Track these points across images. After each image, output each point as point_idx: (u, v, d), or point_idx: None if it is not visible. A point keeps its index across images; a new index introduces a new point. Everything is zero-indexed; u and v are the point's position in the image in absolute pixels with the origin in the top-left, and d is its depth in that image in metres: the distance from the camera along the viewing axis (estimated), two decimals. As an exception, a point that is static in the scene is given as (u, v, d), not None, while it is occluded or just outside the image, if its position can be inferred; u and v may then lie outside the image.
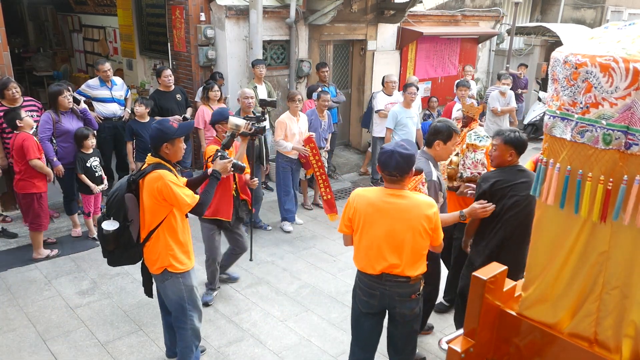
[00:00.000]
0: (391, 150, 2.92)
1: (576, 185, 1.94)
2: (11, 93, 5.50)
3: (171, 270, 3.36)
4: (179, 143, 3.32)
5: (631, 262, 1.91)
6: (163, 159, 3.27)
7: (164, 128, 3.25)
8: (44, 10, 13.27)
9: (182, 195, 3.21)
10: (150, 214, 3.24)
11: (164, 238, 3.29)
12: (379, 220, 2.97)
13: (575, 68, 1.87)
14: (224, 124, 4.36)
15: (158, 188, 3.14)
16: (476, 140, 4.21)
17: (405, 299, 3.06)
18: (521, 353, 2.34)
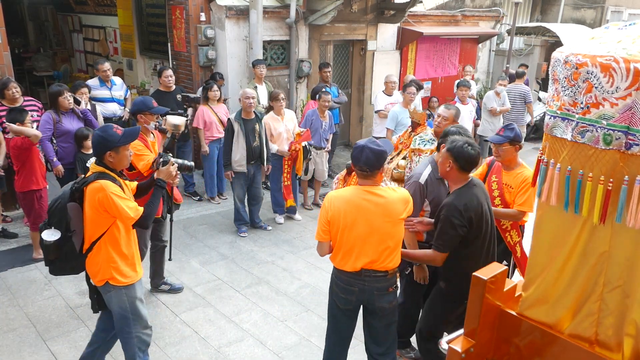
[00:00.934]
0: (362, 146, 2.99)
1: (577, 185, 1.94)
2: (11, 93, 5.50)
3: (113, 283, 3.19)
4: (123, 151, 3.14)
5: (632, 261, 1.90)
6: (107, 167, 3.11)
7: (107, 135, 3.06)
8: (44, 10, 13.27)
9: (125, 209, 3.03)
10: (92, 224, 3.08)
11: (106, 250, 3.13)
12: (359, 219, 3.00)
13: (575, 68, 1.86)
14: (147, 114, 4.14)
15: (99, 199, 2.99)
16: (421, 144, 4.26)
17: (383, 293, 3.13)
18: (521, 353, 2.34)
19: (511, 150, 3.93)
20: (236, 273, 5.31)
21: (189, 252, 5.74)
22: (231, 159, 5.94)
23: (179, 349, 4.08)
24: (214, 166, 7.07)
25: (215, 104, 6.92)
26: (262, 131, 6.05)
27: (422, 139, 4.31)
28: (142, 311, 3.37)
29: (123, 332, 3.36)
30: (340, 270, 3.15)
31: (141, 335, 3.38)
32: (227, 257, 5.66)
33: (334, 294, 3.25)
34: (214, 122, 6.85)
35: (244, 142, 5.87)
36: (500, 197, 4.01)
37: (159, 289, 4.85)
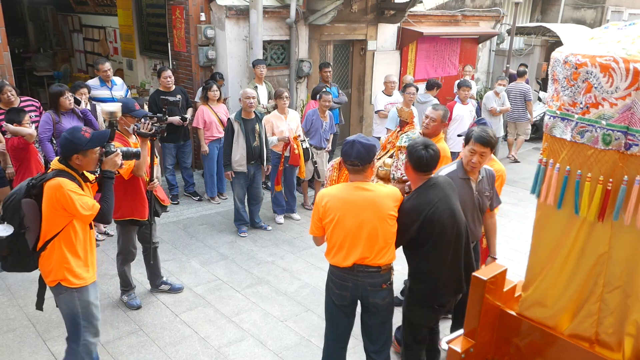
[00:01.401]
0: (352, 140, 3.05)
1: (575, 185, 1.94)
2: (6, 97, 5.48)
3: (65, 285, 3.12)
4: (91, 154, 3.10)
5: (632, 261, 1.90)
6: (70, 167, 3.08)
7: (74, 139, 3.03)
8: (44, 10, 13.27)
9: (82, 205, 3.00)
10: (48, 222, 3.03)
11: (60, 249, 3.07)
12: (349, 214, 3.05)
13: (575, 68, 1.86)
14: (127, 116, 4.15)
15: (56, 197, 2.96)
16: (407, 142, 4.22)
17: (377, 289, 3.15)
18: (521, 353, 2.34)
19: None
20: (236, 273, 5.31)
21: (189, 252, 5.74)
22: (231, 159, 5.94)
23: (179, 349, 4.08)
24: (214, 166, 7.07)
25: (215, 104, 6.92)
26: (262, 131, 6.05)
27: (409, 137, 4.29)
28: (94, 317, 3.29)
29: (71, 336, 3.29)
30: (334, 266, 3.19)
31: (88, 343, 3.30)
32: (227, 257, 5.66)
33: (329, 291, 3.29)
34: (214, 122, 6.85)
35: (244, 142, 5.87)
36: None
37: (159, 289, 4.86)
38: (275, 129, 6.32)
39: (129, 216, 4.31)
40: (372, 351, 3.36)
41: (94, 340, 3.34)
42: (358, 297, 3.20)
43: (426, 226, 3.07)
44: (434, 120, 4.31)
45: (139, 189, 4.26)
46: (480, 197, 3.55)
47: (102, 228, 6.02)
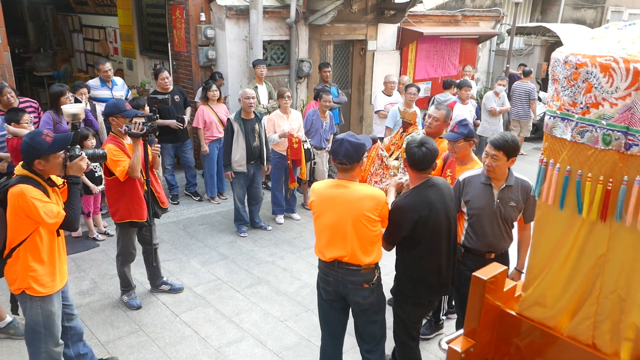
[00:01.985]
0: (341, 139, 3.06)
1: (575, 185, 1.94)
2: (6, 99, 5.47)
3: (29, 293, 3.06)
4: (54, 159, 2.99)
5: (630, 264, 1.90)
6: (34, 172, 2.98)
7: (35, 144, 2.91)
8: (44, 10, 13.27)
9: (46, 213, 2.91)
10: (13, 230, 2.95)
11: (25, 257, 3.00)
12: (326, 210, 3.10)
13: (575, 68, 1.86)
14: (118, 117, 4.13)
15: (19, 204, 2.88)
16: None
17: (358, 287, 3.14)
18: (521, 353, 2.34)
19: (466, 146, 3.89)
20: (236, 273, 5.31)
21: (189, 252, 5.74)
22: (231, 159, 5.94)
23: (179, 349, 4.08)
24: (214, 166, 7.07)
25: (215, 104, 6.92)
26: (262, 131, 6.05)
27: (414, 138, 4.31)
28: (55, 327, 3.23)
29: (32, 345, 3.22)
30: (319, 259, 3.24)
31: (51, 352, 3.24)
32: (227, 257, 5.66)
33: (318, 285, 3.34)
34: (214, 122, 6.85)
35: (243, 142, 5.87)
36: None
37: (159, 289, 4.86)
38: (277, 128, 6.32)
39: (128, 218, 4.30)
40: (365, 350, 3.37)
41: (56, 349, 3.26)
42: (341, 293, 3.22)
43: (421, 226, 3.08)
44: (437, 120, 4.31)
45: (136, 190, 4.24)
46: (503, 205, 3.40)
47: (102, 228, 6.02)
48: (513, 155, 3.31)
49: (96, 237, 5.88)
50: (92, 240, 5.81)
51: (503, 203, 3.40)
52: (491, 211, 3.42)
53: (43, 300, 3.12)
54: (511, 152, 3.29)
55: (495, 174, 3.38)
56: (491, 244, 3.50)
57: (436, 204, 3.12)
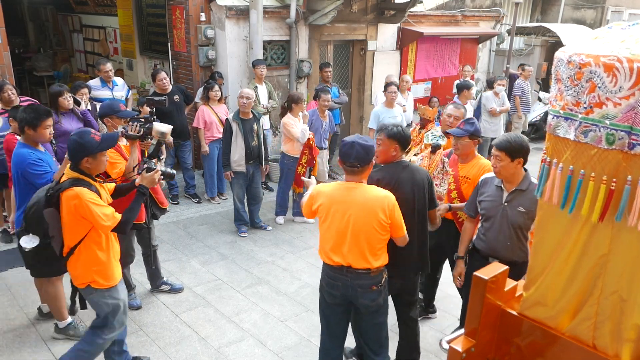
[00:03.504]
0: (352, 142, 3.04)
1: (577, 185, 1.94)
2: (7, 95, 5.48)
3: (95, 287, 3.19)
4: (101, 157, 3.11)
5: (632, 265, 1.89)
6: (83, 172, 3.07)
7: (84, 142, 3.01)
8: (44, 10, 13.27)
9: (101, 216, 3.00)
10: (70, 230, 3.07)
11: (87, 253, 3.12)
12: (337, 213, 3.05)
13: (579, 68, 1.86)
14: (114, 118, 4.15)
15: (75, 207, 2.97)
16: (433, 140, 4.34)
17: (366, 290, 3.13)
18: (522, 353, 2.33)
19: (470, 144, 3.96)
20: (236, 273, 5.31)
21: (189, 252, 5.73)
22: (230, 159, 5.94)
23: (179, 349, 4.07)
24: (214, 166, 7.06)
25: (215, 104, 6.91)
26: (261, 131, 6.05)
27: (434, 135, 4.41)
28: (123, 314, 3.37)
29: (95, 334, 3.32)
30: (325, 264, 3.20)
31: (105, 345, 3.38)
32: (227, 257, 5.65)
33: (322, 289, 3.30)
34: (214, 122, 6.84)
35: (242, 142, 5.87)
36: (457, 190, 4.03)
37: (159, 289, 4.85)
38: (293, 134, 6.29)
39: None
40: (373, 352, 3.35)
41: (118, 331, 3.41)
42: (348, 297, 3.18)
43: None
44: (457, 119, 4.34)
45: (134, 192, 4.23)
46: (510, 209, 3.36)
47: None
48: (518, 156, 3.27)
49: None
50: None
51: (511, 207, 3.36)
52: (497, 214, 3.40)
53: (109, 290, 3.24)
54: (514, 152, 3.25)
55: (502, 175, 3.36)
56: (495, 248, 3.46)
57: (403, 181, 3.26)
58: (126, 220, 3.15)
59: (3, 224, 5.93)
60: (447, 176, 3.99)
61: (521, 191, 3.34)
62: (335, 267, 3.12)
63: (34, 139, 3.85)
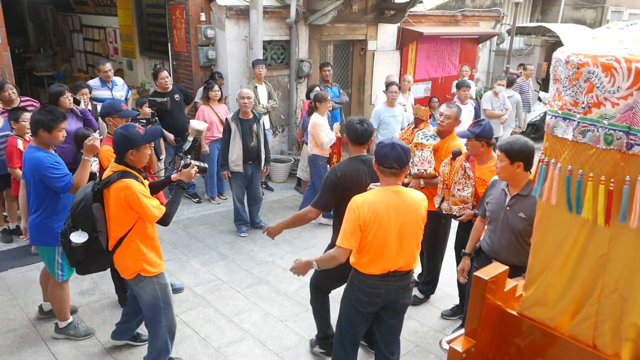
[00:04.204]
0: (392, 143, 2.97)
1: (576, 185, 1.94)
2: (7, 95, 5.48)
3: (144, 275, 3.32)
4: (144, 149, 3.25)
5: (632, 264, 1.90)
6: (128, 165, 3.20)
7: (130, 135, 3.17)
8: (44, 10, 13.28)
9: (150, 207, 3.16)
10: (118, 222, 3.19)
11: (135, 244, 3.25)
12: (390, 219, 2.95)
13: (577, 68, 1.86)
14: (115, 117, 4.19)
15: (125, 197, 3.09)
16: (423, 139, 4.35)
17: (406, 290, 3.18)
18: (522, 353, 2.33)
19: (477, 145, 4.00)
20: (236, 273, 5.31)
21: (189, 252, 5.73)
22: (228, 158, 5.95)
23: (179, 349, 4.07)
24: (214, 166, 7.06)
25: (215, 104, 6.92)
26: (261, 131, 6.05)
27: (425, 134, 4.40)
28: (171, 298, 3.53)
29: (153, 322, 3.48)
30: (365, 274, 3.07)
31: (170, 322, 3.53)
32: (227, 257, 5.65)
33: (353, 299, 3.17)
34: (215, 122, 6.85)
35: (240, 142, 5.87)
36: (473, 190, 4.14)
37: None
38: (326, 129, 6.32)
39: None
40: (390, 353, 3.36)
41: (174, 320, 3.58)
42: (387, 301, 3.15)
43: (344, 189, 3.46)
44: (449, 118, 4.36)
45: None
46: (512, 214, 3.33)
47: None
48: (517, 160, 3.22)
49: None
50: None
51: (512, 211, 3.33)
52: (500, 217, 3.40)
53: (157, 277, 3.39)
54: (514, 155, 3.21)
55: (502, 176, 3.37)
56: (497, 252, 3.43)
57: (361, 174, 3.50)
58: (169, 212, 3.33)
59: (3, 224, 5.93)
60: (469, 180, 4.04)
61: (523, 197, 3.29)
62: (380, 276, 3.05)
63: (48, 142, 3.81)
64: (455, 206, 4.08)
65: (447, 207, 4.13)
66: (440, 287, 4.88)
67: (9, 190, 5.58)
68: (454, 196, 4.07)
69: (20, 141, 4.84)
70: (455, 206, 4.08)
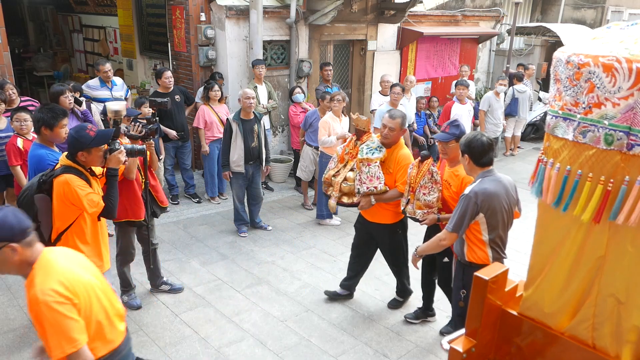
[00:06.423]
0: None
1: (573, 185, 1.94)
2: (8, 94, 5.48)
3: None
4: (96, 152, 3.23)
5: (628, 268, 1.89)
6: (77, 162, 3.22)
7: (79, 137, 3.16)
8: (44, 10, 13.27)
9: (88, 202, 3.17)
10: (60, 216, 3.22)
11: (73, 241, 3.25)
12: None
13: (578, 68, 1.86)
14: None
15: (64, 192, 3.14)
16: (369, 153, 4.09)
17: None
18: (523, 353, 2.34)
19: (457, 147, 3.74)
20: (236, 273, 5.31)
21: (189, 252, 5.73)
22: (229, 159, 5.94)
23: (179, 349, 4.07)
24: (215, 166, 7.07)
25: (216, 104, 6.92)
26: (261, 132, 6.05)
27: (369, 147, 4.13)
28: None
29: None
30: None
31: None
32: (227, 257, 5.65)
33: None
34: (215, 122, 6.85)
35: (242, 142, 5.87)
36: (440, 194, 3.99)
37: (159, 289, 4.85)
38: (331, 131, 6.27)
39: (124, 217, 4.28)
40: None
41: None
42: None
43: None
44: (393, 130, 4.11)
45: (133, 189, 4.23)
46: None
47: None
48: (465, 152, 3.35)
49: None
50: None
51: None
52: None
53: None
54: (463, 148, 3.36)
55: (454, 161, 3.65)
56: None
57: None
58: (109, 205, 3.31)
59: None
60: (436, 185, 3.87)
61: None
62: None
63: (50, 139, 3.90)
64: (419, 210, 3.92)
65: (412, 210, 3.97)
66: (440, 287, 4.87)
67: (11, 190, 5.58)
68: (418, 200, 3.90)
69: (20, 140, 4.84)
70: (420, 210, 3.91)
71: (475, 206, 3.21)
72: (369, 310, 4.67)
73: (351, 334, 4.33)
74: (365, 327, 4.42)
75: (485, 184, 3.25)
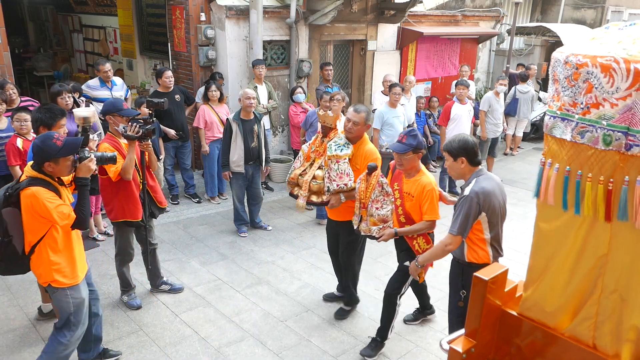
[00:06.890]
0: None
1: (575, 185, 1.94)
2: (8, 94, 5.49)
3: (55, 286, 3.22)
4: (64, 162, 3.07)
5: (631, 265, 1.90)
6: (44, 173, 3.07)
7: (45, 147, 3.00)
8: (44, 10, 13.28)
9: (58, 215, 3.03)
10: (29, 228, 3.08)
11: (46, 253, 3.15)
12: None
13: (576, 68, 1.86)
14: (115, 116, 4.13)
15: (32, 205, 2.99)
16: (337, 150, 4.01)
17: None
18: (522, 353, 2.34)
19: (414, 159, 3.75)
20: (236, 273, 5.31)
21: (189, 252, 5.74)
22: (229, 159, 5.95)
23: (179, 349, 4.08)
24: (215, 166, 7.07)
25: (216, 104, 6.92)
26: (262, 132, 6.05)
27: (337, 144, 4.04)
28: (83, 314, 3.38)
29: (59, 334, 3.35)
30: None
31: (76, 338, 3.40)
32: (227, 257, 5.66)
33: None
34: (215, 122, 6.85)
35: (241, 142, 5.87)
36: (402, 207, 3.86)
37: (159, 289, 4.86)
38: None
39: (122, 217, 4.29)
40: None
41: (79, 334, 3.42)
42: None
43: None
44: (357, 124, 4.04)
45: (130, 189, 4.23)
46: None
47: (102, 228, 6.02)
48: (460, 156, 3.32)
49: (96, 237, 5.88)
50: (92, 240, 5.81)
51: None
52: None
53: (71, 289, 3.28)
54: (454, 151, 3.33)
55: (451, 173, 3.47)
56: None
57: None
58: (80, 217, 3.16)
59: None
60: (388, 197, 3.72)
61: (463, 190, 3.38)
62: None
63: None
64: (374, 226, 3.75)
65: (366, 227, 3.78)
66: (440, 287, 4.88)
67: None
68: (372, 216, 3.72)
69: (20, 140, 4.84)
70: (375, 226, 3.74)
71: (478, 206, 3.21)
72: (369, 310, 4.67)
73: (351, 334, 4.34)
74: (365, 327, 4.42)
75: (482, 183, 3.25)
